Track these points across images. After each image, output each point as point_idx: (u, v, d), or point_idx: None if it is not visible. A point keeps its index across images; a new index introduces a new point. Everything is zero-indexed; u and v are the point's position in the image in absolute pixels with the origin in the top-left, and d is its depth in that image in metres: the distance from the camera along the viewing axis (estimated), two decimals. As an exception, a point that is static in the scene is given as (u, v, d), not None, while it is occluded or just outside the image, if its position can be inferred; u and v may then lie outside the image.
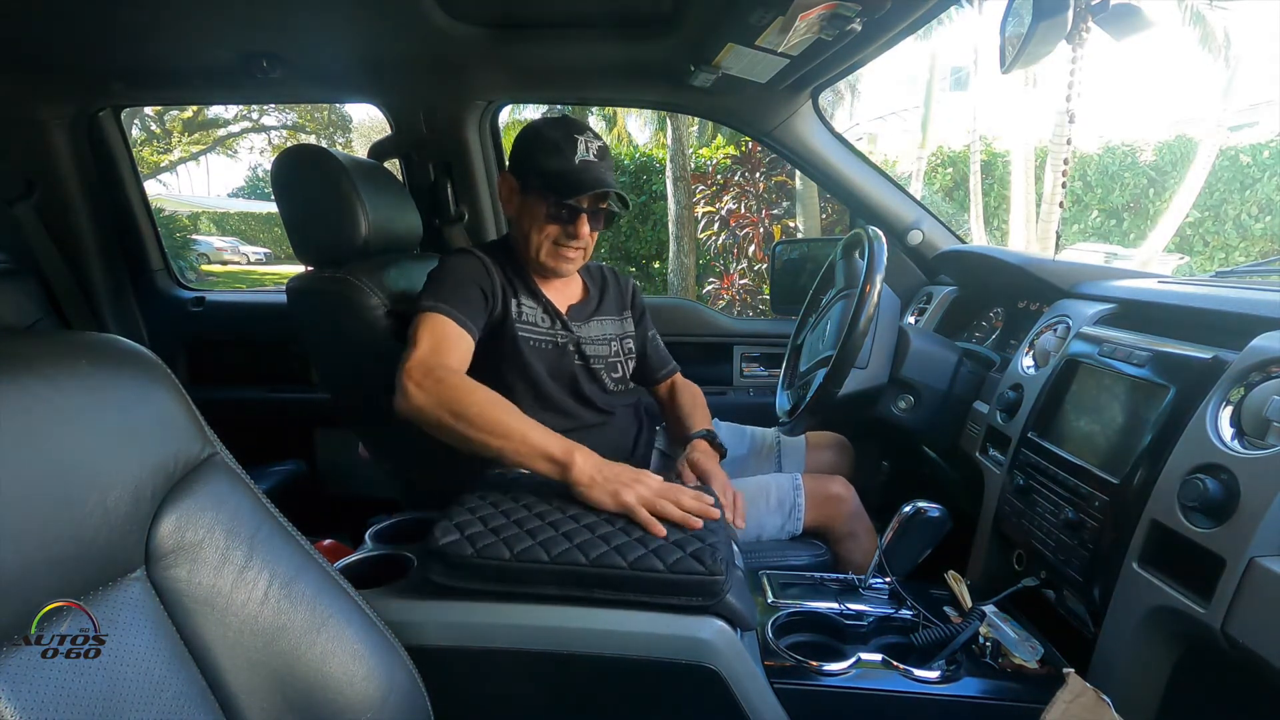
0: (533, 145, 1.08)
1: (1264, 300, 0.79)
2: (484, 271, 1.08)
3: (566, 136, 1.06)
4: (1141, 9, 1.05)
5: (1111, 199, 8.46)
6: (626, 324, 1.27)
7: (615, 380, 1.22)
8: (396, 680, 0.57)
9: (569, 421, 1.14)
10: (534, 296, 1.14)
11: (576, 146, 1.06)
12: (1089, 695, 0.61)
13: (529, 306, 1.12)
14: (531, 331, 1.11)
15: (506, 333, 1.09)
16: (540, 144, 1.07)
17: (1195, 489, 0.67)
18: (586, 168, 1.06)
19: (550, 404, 1.13)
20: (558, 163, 1.05)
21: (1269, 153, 7.95)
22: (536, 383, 1.11)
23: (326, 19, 1.29)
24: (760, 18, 1.06)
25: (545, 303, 1.14)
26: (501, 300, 1.08)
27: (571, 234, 1.09)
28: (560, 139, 1.06)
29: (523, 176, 1.09)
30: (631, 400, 1.27)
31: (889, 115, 11.74)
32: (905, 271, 1.69)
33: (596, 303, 1.23)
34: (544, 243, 1.09)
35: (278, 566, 0.53)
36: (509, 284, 1.11)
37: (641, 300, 1.34)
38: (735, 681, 0.70)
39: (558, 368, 1.13)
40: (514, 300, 1.10)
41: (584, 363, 1.16)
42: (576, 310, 1.19)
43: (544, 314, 1.13)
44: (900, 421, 1.25)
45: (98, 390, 0.46)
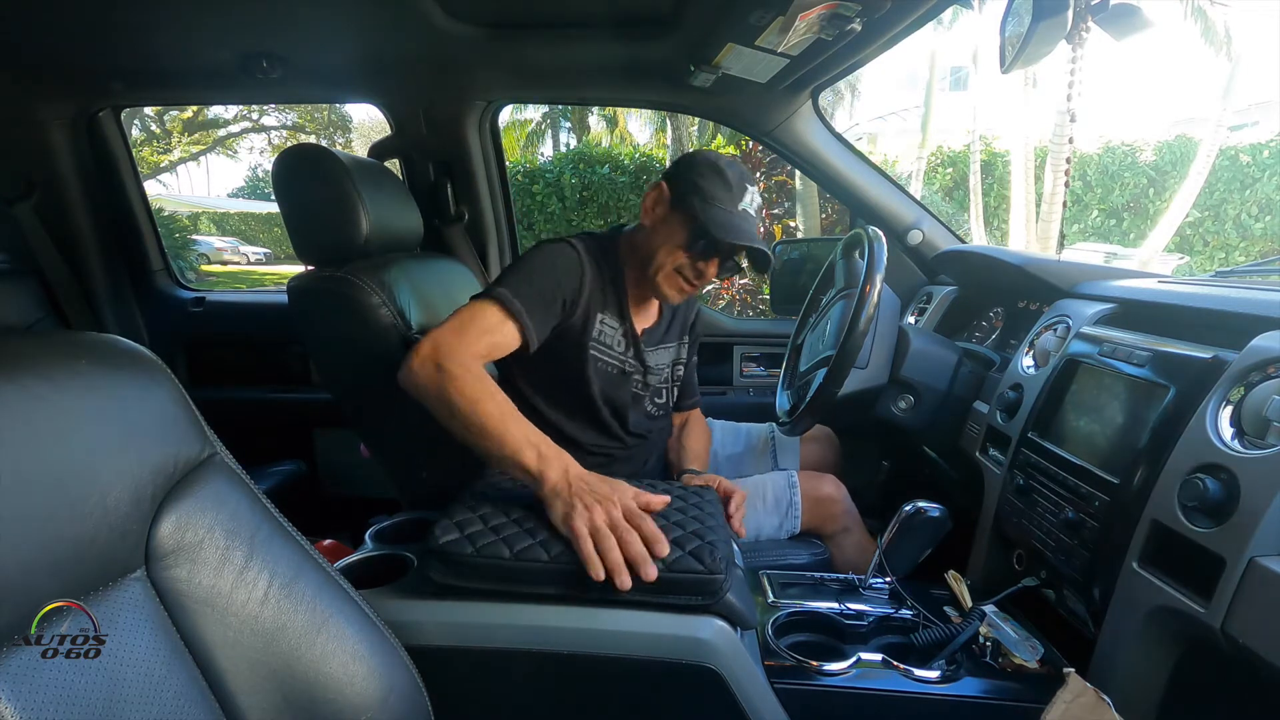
0: (706, 171, 1.05)
1: (1264, 300, 0.79)
2: (577, 280, 1.03)
3: (740, 181, 1.05)
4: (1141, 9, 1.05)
5: (1111, 199, 8.45)
6: (681, 349, 1.25)
7: (658, 405, 1.20)
8: (396, 680, 0.57)
9: (613, 441, 1.13)
10: (620, 317, 1.10)
11: (745, 194, 1.05)
12: (1089, 695, 0.61)
13: (610, 326, 1.08)
14: (603, 353, 1.08)
15: (578, 346, 1.05)
16: (715, 174, 1.04)
17: (1195, 489, 0.67)
18: (745, 217, 1.04)
19: (591, 420, 1.11)
20: (723, 199, 1.03)
21: (1269, 152, 7.94)
22: (588, 399, 1.09)
23: (326, 19, 1.28)
24: (760, 18, 1.06)
25: (628, 327, 1.11)
26: (583, 313, 1.04)
27: (699, 271, 1.06)
28: (735, 180, 1.05)
29: (681, 194, 1.06)
30: (661, 426, 1.25)
31: (889, 115, 11.72)
32: (905, 271, 1.69)
33: (665, 328, 1.21)
34: (668, 265, 1.06)
35: (278, 567, 0.53)
36: (600, 295, 1.07)
37: (700, 326, 1.32)
38: (735, 681, 0.70)
39: (614, 391, 1.11)
40: (598, 316, 1.07)
41: (641, 390, 1.15)
42: (650, 334, 1.16)
43: (621, 337, 1.10)
44: (900, 421, 1.25)
45: (98, 390, 0.46)
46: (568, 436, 1.09)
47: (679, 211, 1.05)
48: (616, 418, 1.13)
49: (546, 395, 1.09)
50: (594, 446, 1.12)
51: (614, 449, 1.14)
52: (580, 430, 1.11)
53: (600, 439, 1.13)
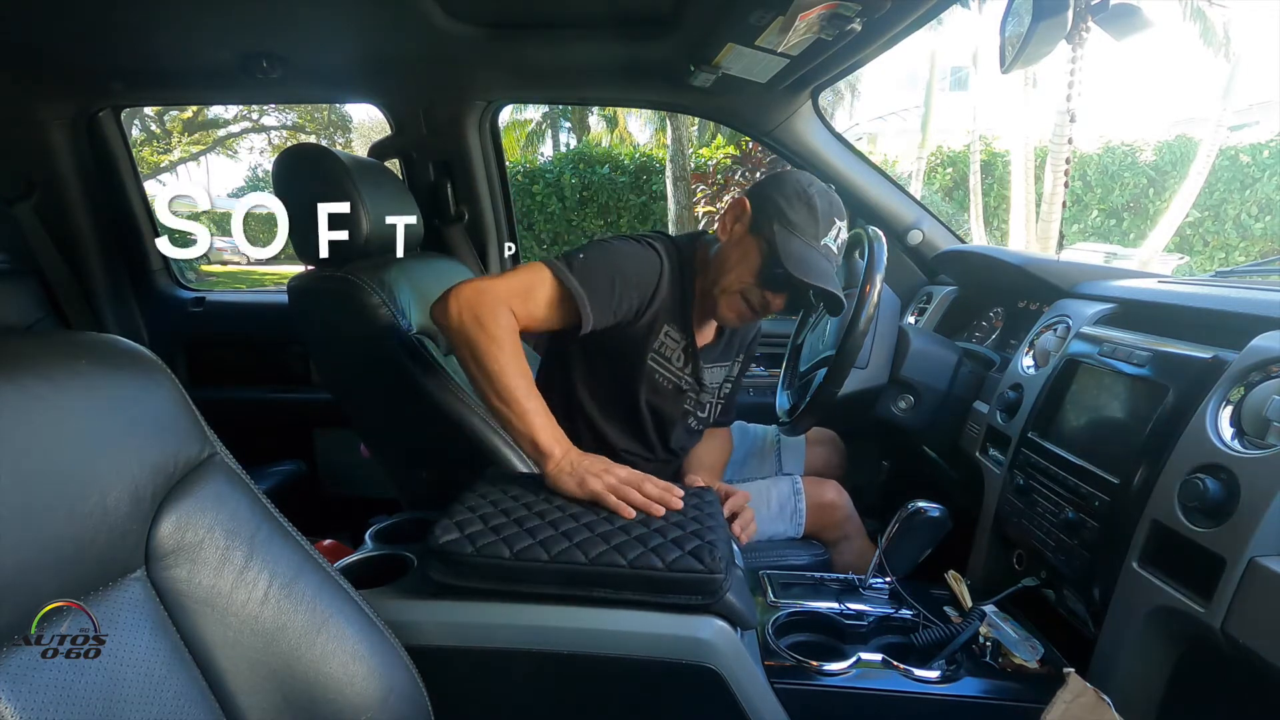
0: (796, 199, 0.99)
1: (1264, 300, 0.79)
2: (652, 287, 0.99)
3: (828, 214, 0.99)
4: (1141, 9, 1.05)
5: (1111, 199, 8.45)
6: (735, 367, 1.21)
7: (700, 420, 1.17)
8: (396, 680, 0.57)
9: (636, 446, 1.11)
10: (684, 331, 1.06)
11: (830, 229, 0.99)
12: (1089, 695, 0.61)
13: (672, 340, 1.05)
14: (662, 366, 1.06)
15: (638, 354, 1.03)
16: (802, 201, 0.98)
17: (1195, 489, 0.67)
18: (826, 255, 0.98)
19: (632, 427, 1.09)
20: (805, 233, 0.97)
21: (1269, 153, 7.94)
22: (633, 408, 1.07)
23: (326, 19, 1.28)
24: (760, 18, 1.06)
25: (690, 343, 1.07)
26: (650, 321, 1.01)
27: (765, 302, 1.01)
28: (823, 212, 0.98)
29: (762, 216, 1.00)
30: (696, 442, 1.23)
31: (889, 115, 11.72)
32: (905, 271, 1.69)
33: (723, 346, 1.17)
34: (734, 288, 1.01)
35: (278, 567, 0.53)
36: (670, 306, 1.03)
37: (756, 345, 1.27)
38: (735, 681, 0.70)
39: (664, 405, 1.09)
40: (664, 328, 1.03)
41: (692, 407, 1.12)
42: (707, 352, 1.12)
43: (681, 353, 1.07)
44: (900, 421, 1.25)
45: (98, 390, 0.46)
46: (601, 436, 1.08)
47: (757, 235, 1.00)
48: (658, 431, 1.11)
49: (592, 392, 1.08)
50: (625, 452, 1.10)
51: (645, 459, 1.12)
52: (618, 434, 1.09)
53: (634, 446, 1.11)
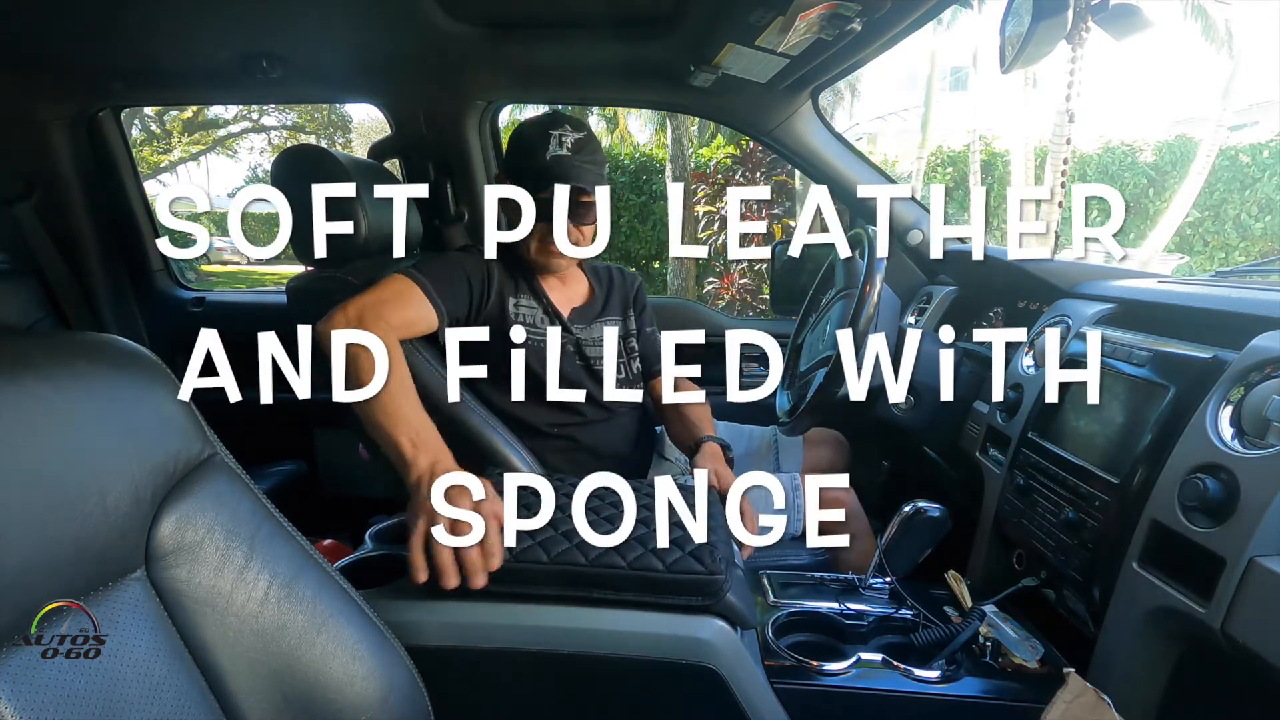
0: (513, 144, 1.12)
1: (1264, 300, 0.79)
2: (480, 267, 1.09)
3: (541, 134, 1.07)
4: (1141, 9, 1.05)
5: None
6: (630, 323, 1.28)
7: (620, 380, 1.22)
8: (396, 680, 0.57)
9: (571, 416, 1.14)
10: (535, 296, 1.14)
11: (549, 142, 1.06)
12: (1089, 695, 0.61)
13: (527, 307, 1.13)
14: (532, 331, 1.11)
15: (503, 327, 1.08)
16: (517, 142, 1.10)
17: (1195, 489, 0.67)
18: (557, 162, 1.06)
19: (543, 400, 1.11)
20: (531, 160, 1.07)
21: (1269, 153, 7.94)
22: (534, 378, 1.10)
23: (326, 19, 1.28)
24: (760, 18, 1.06)
25: (546, 304, 1.15)
26: (497, 297, 1.09)
27: (546, 231, 1.05)
28: (534, 136, 1.07)
29: (510, 176, 1.12)
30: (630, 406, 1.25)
31: (889, 115, 11.72)
32: (905, 271, 1.68)
33: (602, 304, 1.23)
34: (532, 241, 1.09)
35: (278, 567, 0.53)
36: (510, 281, 1.12)
37: (644, 297, 1.33)
38: (735, 681, 0.70)
39: (564, 368, 1.12)
40: (511, 299, 1.11)
41: (584, 364, 1.17)
42: (580, 312, 1.19)
43: (543, 314, 1.14)
44: (900, 421, 1.25)
45: (98, 390, 0.46)
46: (524, 422, 1.11)
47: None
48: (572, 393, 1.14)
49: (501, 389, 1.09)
50: (551, 427, 1.13)
51: (574, 428, 1.15)
52: (533, 413, 1.12)
53: (558, 417, 1.13)
